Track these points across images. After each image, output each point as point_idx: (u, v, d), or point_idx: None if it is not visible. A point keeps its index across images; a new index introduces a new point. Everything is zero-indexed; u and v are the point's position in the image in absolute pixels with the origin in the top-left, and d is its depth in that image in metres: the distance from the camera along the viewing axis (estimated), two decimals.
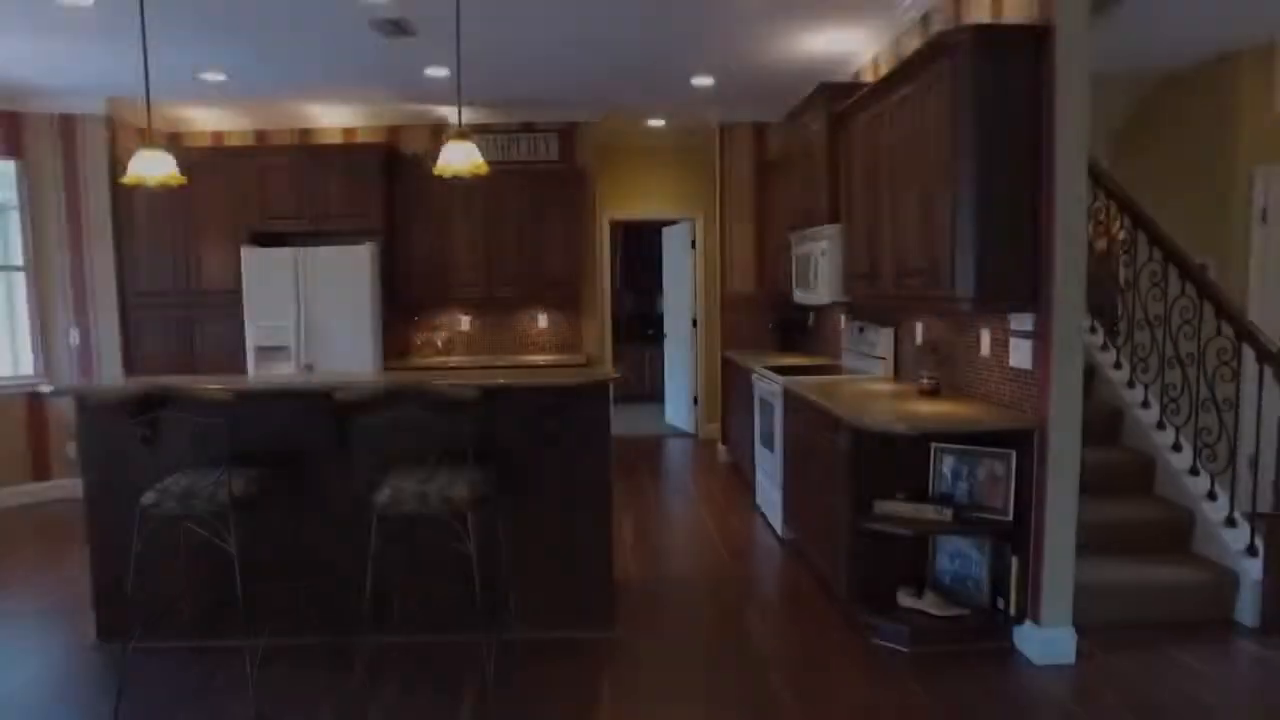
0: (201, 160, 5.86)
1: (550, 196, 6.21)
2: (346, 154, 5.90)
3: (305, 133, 6.50)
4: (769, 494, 4.99)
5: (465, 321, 6.59)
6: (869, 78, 4.95)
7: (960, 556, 3.46)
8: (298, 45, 4.74)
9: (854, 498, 3.48)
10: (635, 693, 3.00)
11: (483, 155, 6.43)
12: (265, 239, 6.05)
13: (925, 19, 4.14)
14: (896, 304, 3.93)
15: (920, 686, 2.99)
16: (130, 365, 5.98)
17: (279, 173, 5.88)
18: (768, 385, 4.87)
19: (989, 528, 3.30)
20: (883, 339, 4.60)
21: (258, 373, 5.76)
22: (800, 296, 5.09)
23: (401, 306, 6.33)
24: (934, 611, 3.34)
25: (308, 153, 5.90)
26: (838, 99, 4.43)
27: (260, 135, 6.50)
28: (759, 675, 3.12)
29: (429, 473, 2.96)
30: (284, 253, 5.71)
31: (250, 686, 3.02)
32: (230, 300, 5.93)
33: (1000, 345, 3.46)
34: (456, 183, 6.10)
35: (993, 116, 3.04)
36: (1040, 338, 3.13)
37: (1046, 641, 3.13)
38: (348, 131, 6.49)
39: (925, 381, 3.88)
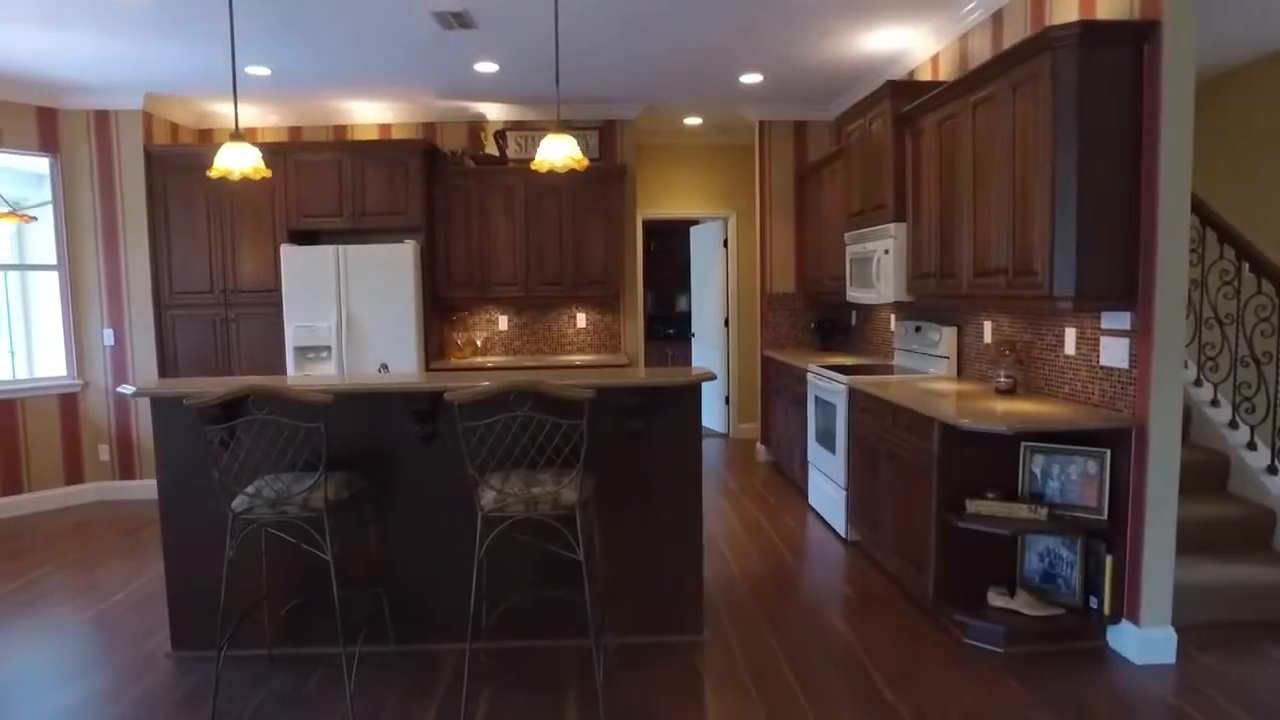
0: None
1: (590, 195, 6.15)
2: (386, 150, 5.81)
3: (339, 129, 6.41)
4: (828, 494, 4.96)
5: (503, 321, 6.51)
6: (927, 76, 4.93)
7: (1050, 555, 3.44)
8: (349, 38, 4.65)
9: (944, 497, 3.46)
10: (743, 696, 2.96)
11: (520, 152, 6.38)
12: (302, 237, 5.96)
13: (996, 18, 4.12)
14: (971, 303, 3.90)
15: (1024, 687, 2.97)
16: (165, 366, 5.86)
17: (317, 170, 5.78)
18: (828, 385, 4.84)
19: (1082, 526, 3.28)
20: (945, 338, 4.58)
21: (296, 374, 5.67)
22: (856, 296, 5.06)
23: (439, 306, 6.26)
24: (1028, 611, 3.31)
25: (346, 149, 5.80)
26: (904, 97, 4.40)
27: (293, 132, 6.39)
28: (860, 676, 3.09)
29: (532, 475, 2.90)
30: (325, 251, 5.61)
31: (348, 693, 2.95)
32: (267, 300, 5.83)
33: (1088, 344, 3.44)
34: (497, 181, 6.06)
35: (1096, 113, 3.02)
36: (1140, 336, 3.11)
37: (1146, 642, 3.11)
38: (383, 128, 6.40)
39: (1002, 380, 3.86)
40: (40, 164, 5.64)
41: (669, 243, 10.24)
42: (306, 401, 2.73)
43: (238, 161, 3.14)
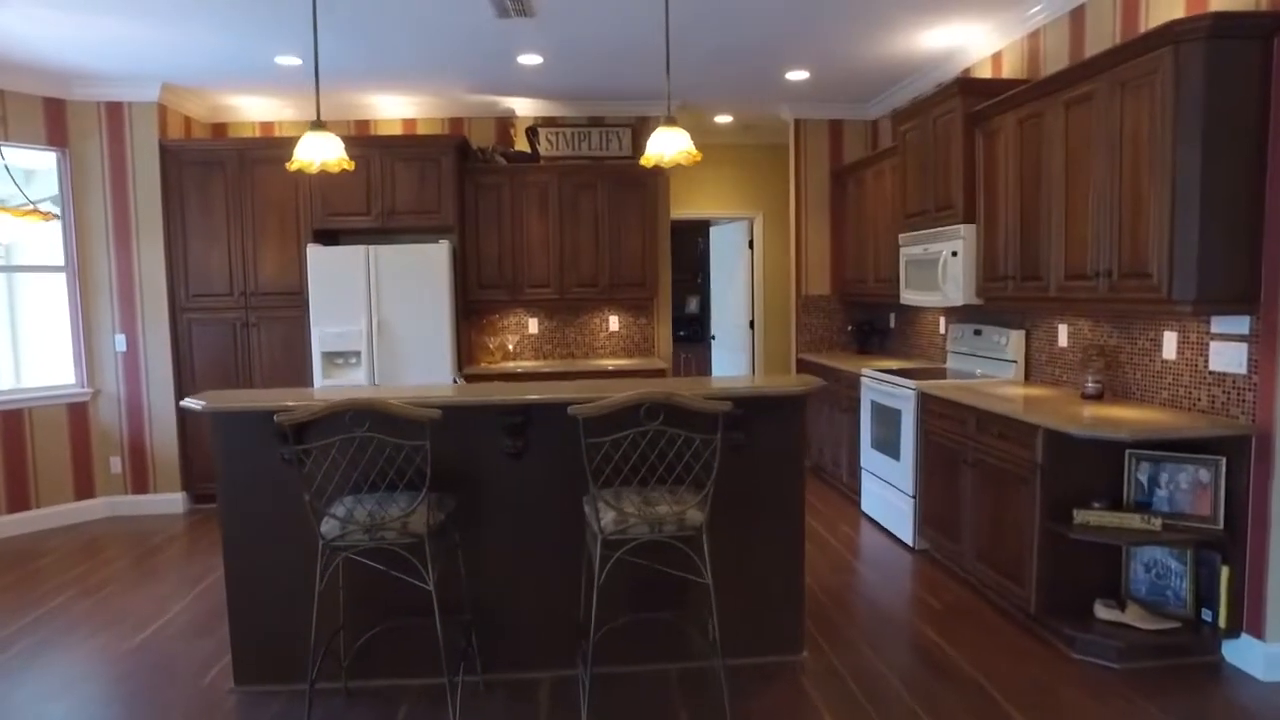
0: (257, 152, 5.46)
1: (627, 194, 5.96)
2: (417, 147, 5.55)
3: (361, 124, 6.13)
4: (888, 502, 4.83)
5: (532, 324, 6.29)
6: (986, 73, 4.83)
7: (1157, 566, 3.35)
8: (394, 25, 4.41)
9: (1049, 507, 3.34)
10: None
11: (552, 149, 6.17)
12: (326, 237, 5.69)
13: (1076, 15, 4.02)
14: (1058, 307, 3.81)
15: (1157, 707, 2.86)
16: (180, 373, 5.54)
17: None
18: (891, 390, 4.71)
19: (1197, 537, 3.18)
20: (1013, 341, 4.49)
21: (325, 384, 5.40)
22: (914, 299, 4.95)
23: (468, 309, 6.02)
24: (1141, 625, 3.21)
25: (374, 145, 5.54)
26: (975, 95, 4.29)
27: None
28: (980, 695, 2.96)
29: (646, 493, 2.71)
30: (354, 251, 5.34)
31: None
32: (291, 303, 5.55)
33: (1192, 348, 3.35)
34: (530, 179, 5.85)
35: (1222, 110, 2.93)
36: (1263, 341, 3.02)
37: (1274, 658, 3.02)
38: (407, 123, 6.14)
39: (1090, 385, 3.77)
40: (27, 159, 5.29)
41: (678, 244, 10.06)
42: (413, 418, 2.51)
43: (320, 152, 2.90)
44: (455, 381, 3.70)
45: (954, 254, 4.46)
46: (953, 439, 4.07)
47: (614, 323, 6.35)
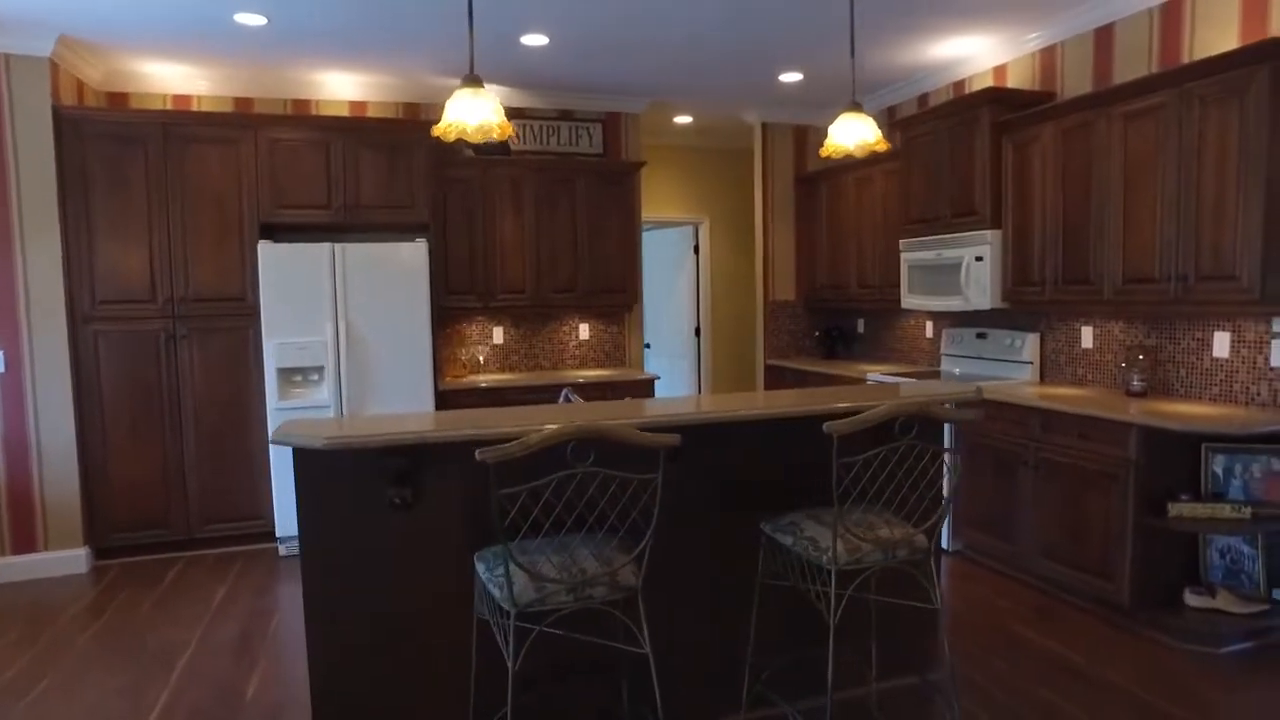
0: (188, 128, 4.52)
1: (604, 193, 5.58)
2: (386, 132, 4.85)
3: (300, 104, 5.27)
4: None
5: (498, 333, 5.72)
6: (989, 82, 4.99)
7: (1231, 552, 3.56)
8: None
9: (1142, 502, 3.46)
10: None
11: (519, 143, 5.68)
12: (275, 232, 4.83)
13: (1102, 33, 4.23)
14: (1107, 309, 3.98)
15: None
16: (82, 398, 4.43)
17: (297, 151, 4.69)
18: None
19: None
20: (1029, 344, 4.66)
21: (282, 406, 4.55)
22: (921, 304, 5.01)
23: (436, 317, 5.35)
24: (1234, 609, 3.39)
25: (335, 127, 4.76)
26: (1004, 105, 4.42)
27: (241, 103, 5.15)
28: (1131, 698, 2.96)
29: (861, 517, 2.44)
30: (318, 249, 4.55)
31: None
32: (234, 310, 4.63)
33: (1249, 347, 3.61)
34: (502, 174, 5.33)
35: None
36: None
37: None
38: (355, 105, 5.36)
39: (1135, 383, 3.97)
40: None
41: None
42: (651, 445, 2.07)
43: (476, 113, 2.35)
44: (564, 400, 3.16)
45: (979, 259, 4.55)
46: (1008, 441, 4.12)
47: (584, 331, 5.92)
